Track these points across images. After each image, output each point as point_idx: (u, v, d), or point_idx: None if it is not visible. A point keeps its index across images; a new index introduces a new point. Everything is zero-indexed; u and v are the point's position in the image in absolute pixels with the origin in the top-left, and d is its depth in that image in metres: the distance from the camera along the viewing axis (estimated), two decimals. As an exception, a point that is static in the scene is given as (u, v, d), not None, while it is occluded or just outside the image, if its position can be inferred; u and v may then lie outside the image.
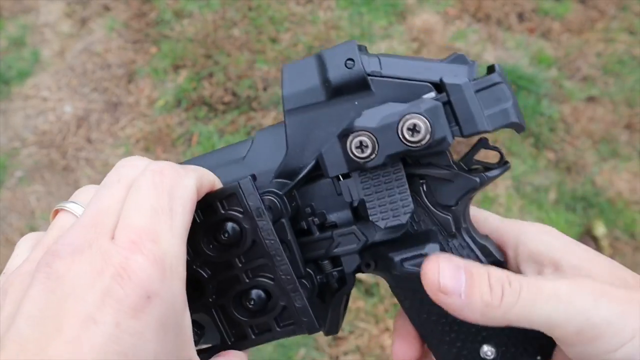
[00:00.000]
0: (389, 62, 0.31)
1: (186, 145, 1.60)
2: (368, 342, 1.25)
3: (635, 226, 1.42)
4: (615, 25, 1.84)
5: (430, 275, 0.29)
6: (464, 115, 0.30)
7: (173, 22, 1.86)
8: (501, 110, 0.30)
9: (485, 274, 0.29)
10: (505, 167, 0.32)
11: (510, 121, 0.30)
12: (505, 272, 0.29)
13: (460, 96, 0.30)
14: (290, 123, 0.32)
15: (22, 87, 1.75)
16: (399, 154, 0.30)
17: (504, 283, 0.28)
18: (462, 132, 0.30)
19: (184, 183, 0.27)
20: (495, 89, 0.30)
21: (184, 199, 0.27)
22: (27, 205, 1.51)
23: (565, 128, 1.61)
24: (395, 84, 0.31)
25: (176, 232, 0.25)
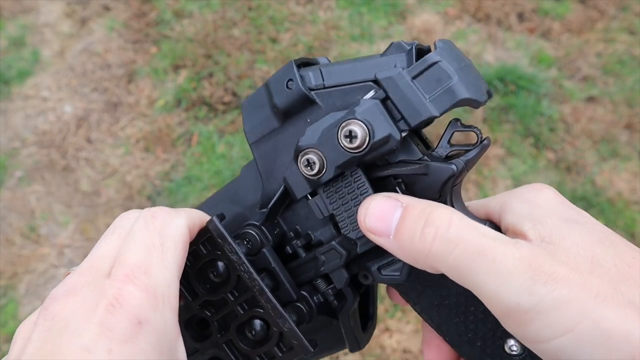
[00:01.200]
0: (330, 71, 0.31)
1: (186, 145, 1.60)
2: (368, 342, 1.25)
3: (635, 226, 1.42)
4: (615, 25, 1.84)
5: (360, 213, 0.28)
6: (405, 107, 0.28)
7: (173, 22, 1.86)
8: (445, 90, 0.27)
9: (424, 213, 0.26)
10: (482, 146, 0.30)
11: (457, 99, 0.27)
12: (453, 212, 0.26)
13: (396, 88, 0.28)
14: (258, 155, 0.33)
15: (22, 87, 1.75)
16: (349, 163, 0.29)
17: (441, 228, 0.25)
18: (408, 124, 0.28)
19: (174, 222, 0.29)
20: (433, 69, 0.27)
21: (175, 236, 0.28)
22: (27, 205, 1.51)
23: (565, 128, 1.61)
24: (338, 92, 0.30)
25: (168, 265, 0.27)
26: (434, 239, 0.25)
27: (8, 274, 1.39)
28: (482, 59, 1.75)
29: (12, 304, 1.34)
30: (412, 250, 0.26)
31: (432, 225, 0.25)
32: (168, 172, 1.54)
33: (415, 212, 0.26)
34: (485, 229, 0.25)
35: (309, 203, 0.32)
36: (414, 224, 0.26)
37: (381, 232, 0.27)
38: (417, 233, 0.25)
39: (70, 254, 1.42)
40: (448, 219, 0.25)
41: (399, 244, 0.26)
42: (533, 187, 0.31)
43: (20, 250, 1.43)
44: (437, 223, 0.25)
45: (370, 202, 0.28)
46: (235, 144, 1.57)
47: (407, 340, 1.25)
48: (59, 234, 1.45)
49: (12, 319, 1.32)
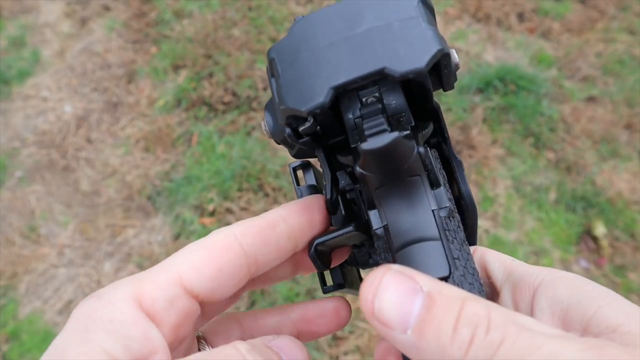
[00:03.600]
0: None
1: (186, 145, 1.60)
2: (368, 342, 1.25)
3: (635, 226, 1.42)
4: (616, 25, 1.84)
5: (365, 291, 0.20)
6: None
7: (173, 22, 1.86)
8: (279, 95, 0.23)
9: (454, 307, 0.19)
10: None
11: (282, 107, 0.23)
12: (489, 306, 0.19)
13: (270, 86, 0.25)
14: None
15: (22, 87, 1.75)
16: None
17: (479, 325, 0.19)
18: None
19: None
20: (272, 68, 0.24)
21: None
22: (27, 205, 1.51)
23: (565, 128, 1.60)
24: None
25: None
26: (471, 343, 0.19)
27: (8, 274, 1.39)
28: (482, 59, 1.75)
29: (12, 304, 1.34)
30: (439, 354, 0.19)
31: (468, 324, 0.19)
32: (168, 172, 1.54)
33: (443, 303, 0.20)
34: (528, 320, 0.19)
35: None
36: (443, 320, 0.19)
37: (396, 325, 0.20)
38: (448, 333, 0.19)
39: (70, 254, 1.42)
40: (486, 316, 0.19)
41: (419, 343, 0.19)
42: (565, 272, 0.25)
43: (20, 250, 1.43)
44: (474, 321, 0.19)
45: (381, 278, 0.20)
46: (235, 144, 1.57)
47: (407, 340, 1.25)
48: (59, 234, 1.45)
49: (12, 319, 1.32)
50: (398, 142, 0.21)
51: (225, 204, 1.46)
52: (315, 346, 1.25)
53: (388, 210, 0.24)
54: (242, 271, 0.26)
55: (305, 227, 0.27)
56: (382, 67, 0.21)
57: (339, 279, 0.32)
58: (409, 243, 0.23)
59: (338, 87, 0.21)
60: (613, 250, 1.39)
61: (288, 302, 1.30)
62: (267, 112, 0.27)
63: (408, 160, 0.22)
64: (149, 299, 0.23)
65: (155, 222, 1.46)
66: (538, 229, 1.42)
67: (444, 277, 0.22)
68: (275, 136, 0.27)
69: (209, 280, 0.25)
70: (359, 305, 1.23)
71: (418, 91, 0.25)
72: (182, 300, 0.24)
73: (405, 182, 0.23)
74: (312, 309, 0.31)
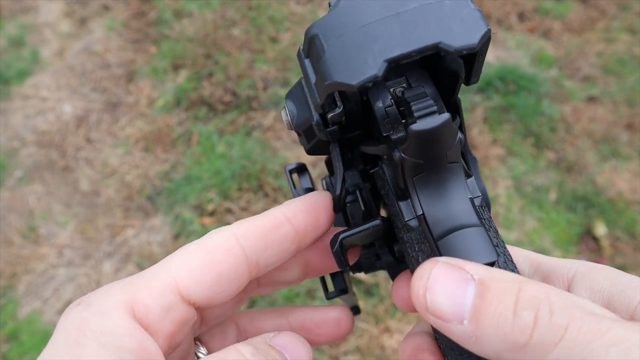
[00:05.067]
0: None
1: (186, 145, 1.59)
2: (368, 342, 1.24)
3: (636, 226, 1.42)
4: (616, 25, 1.83)
5: (416, 287, 0.20)
6: (308, 90, 0.24)
7: (173, 21, 1.86)
8: (320, 72, 0.22)
9: (511, 291, 0.19)
10: (413, 134, 0.21)
11: (325, 85, 0.21)
12: (546, 288, 0.19)
13: (301, 69, 0.24)
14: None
15: (22, 86, 1.74)
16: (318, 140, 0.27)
17: (541, 308, 0.18)
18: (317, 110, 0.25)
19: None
20: (314, 45, 0.23)
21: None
22: (26, 205, 1.50)
23: (566, 128, 1.60)
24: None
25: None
26: (535, 326, 0.18)
27: (7, 274, 1.39)
28: (483, 59, 1.74)
29: (12, 304, 1.34)
30: (500, 341, 0.18)
31: (528, 307, 0.18)
32: (168, 172, 1.54)
33: (498, 288, 0.19)
34: (589, 304, 0.19)
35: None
36: (500, 306, 0.18)
37: (451, 317, 0.19)
38: (508, 318, 0.18)
39: (69, 254, 1.42)
40: (547, 298, 0.18)
41: (478, 332, 0.19)
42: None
43: (19, 250, 1.43)
44: (535, 304, 0.18)
45: (430, 272, 0.20)
46: (235, 144, 1.57)
47: (407, 341, 1.24)
48: (59, 234, 1.45)
49: (12, 319, 1.32)
50: (449, 124, 0.20)
51: (225, 204, 1.45)
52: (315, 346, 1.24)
53: (425, 199, 0.23)
54: (242, 276, 0.24)
55: (310, 228, 0.26)
56: (437, 42, 0.20)
57: (341, 285, 0.32)
58: (450, 230, 0.22)
59: (392, 60, 0.20)
60: (614, 250, 1.38)
61: (288, 303, 1.29)
62: (290, 101, 0.26)
63: (452, 145, 0.22)
64: (142, 307, 0.22)
65: (155, 222, 1.46)
66: (539, 229, 1.42)
67: (491, 262, 0.22)
68: (299, 126, 0.26)
69: (207, 287, 0.23)
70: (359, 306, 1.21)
71: (445, 82, 0.24)
72: (178, 309, 0.23)
73: (445, 169, 0.23)
74: (313, 316, 0.30)
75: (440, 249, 0.22)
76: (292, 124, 0.26)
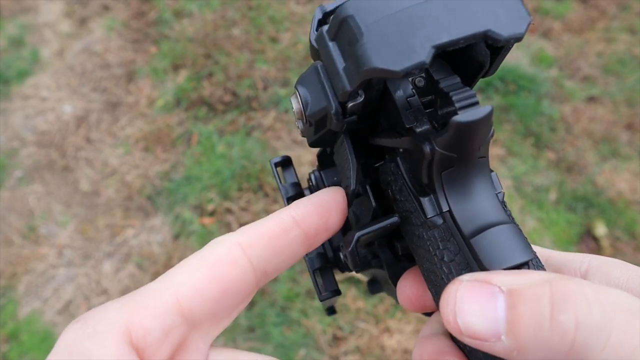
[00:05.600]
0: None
1: (186, 145, 1.59)
2: (368, 342, 1.24)
3: (636, 226, 1.42)
4: (616, 25, 1.83)
5: (446, 314, 0.19)
6: (330, 75, 0.22)
7: (173, 21, 1.86)
8: (355, 56, 0.20)
9: (543, 294, 0.17)
10: (454, 125, 0.20)
11: (362, 70, 0.19)
12: (578, 282, 0.18)
13: (321, 51, 0.22)
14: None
15: (22, 86, 1.74)
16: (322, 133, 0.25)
17: (582, 311, 0.17)
18: (337, 97, 0.23)
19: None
20: (345, 27, 0.21)
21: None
22: (26, 205, 1.50)
23: (566, 128, 1.60)
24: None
25: None
26: (576, 330, 0.17)
27: (7, 274, 1.39)
28: (483, 59, 1.74)
29: (12, 305, 1.34)
30: (542, 350, 0.17)
31: (565, 309, 0.17)
32: (168, 172, 1.54)
33: (529, 294, 0.18)
34: (630, 299, 0.18)
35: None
36: (535, 312, 0.17)
37: (487, 335, 0.18)
38: (545, 326, 0.17)
39: (69, 254, 1.42)
40: (583, 294, 0.17)
41: (518, 345, 0.18)
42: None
43: (19, 250, 1.43)
44: (572, 304, 0.17)
45: (456, 294, 0.19)
46: (235, 144, 1.57)
47: (407, 341, 1.24)
48: (59, 234, 1.45)
49: (11, 319, 1.32)
50: (491, 117, 0.20)
51: (225, 204, 1.45)
52: (316, 346, 1.25)
53: (452, 195, 0.22)
54: (249, 287, 0.22)
55: (321, 231, 0.24)
56: (487, 30, 0.20)
57: (333, 285, 0.31)
58: (482, 228, 0.21)
59: (440, 46, 0.19)
60: (614, 251, 1.38)
61: (288, 302, 1.29)
62: (302, 87, 0.24)
63: (487, 139, 0.21)
64: (140, 330, 0.20)
65: (155, 222, 1.46)
66: (539, 229, 1.42)
67: (528, 260, 0.21)
68: (313, 115, 0.24)
69: (212, 303, 0.21)
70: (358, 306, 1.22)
71: (465, 73, 0.24)
72: (178, 330, 0.21)
73: (474, 164, 0.22)
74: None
75: (474, 248, 0.21)
76: (304, 112, 0.25)
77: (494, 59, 0.23)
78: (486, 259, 0.20)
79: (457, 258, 0.22)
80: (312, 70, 0.24)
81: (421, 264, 0.25)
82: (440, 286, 0.23)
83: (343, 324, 1.27)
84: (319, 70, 0.23)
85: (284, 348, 1.25)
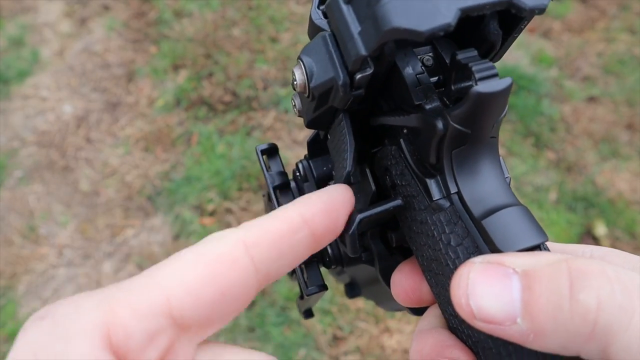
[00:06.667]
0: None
1: (186, 145, 1.59)
2: (368, 342, 1.24)
3: (636, 226, 1.42)
4: (616, 25, 1.83)
5: (457, 296, 0.18)
6: (340, 42, 0.21)
7: (173, 21, 1.86)
8: (374, 17, 0.19)
9: (561, 274, 0.16)
10: (474, 96, 0.19)
11: (382, 32, 0.18)
12: (597, 262, 0.17)
13: (332, 16, 0.21)
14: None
15: (22, 86, 1.74)
16: (321, 109, 0.24)
17: (604, 290, 0.16)
18: (346, 66, 0.21)
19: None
20: None
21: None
22: (26, 205, 1.50)
23: (566, 128, 1.60)
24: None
25: None
26: (598, 309, 0.16)
27: (7, 274, 1.39)
28: (483, 59, 1.74)
29: (11, 305, 1.34)
30: (561, 332, 0.16)
31: (585, 287, 0.16)
32: (168, 172, 1.54)
33: (546, 274, 0.17)
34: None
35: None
36: (553, 292, 0.16)
37: (502, 318, 0.17)
38: (564, 306, 0.16)
39: (69, 254, 1.42)
40: (604, 273, 0.16)
41: (535, 328, 0.17)
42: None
43: (19, 250, 1.43)
44: (593, 282, 0.16)
45: (468, 275, 0.18)
46: (235, 144, 1.57)
47: (407, 341, 1.24)
48: (59, 234, 1.45)
49: (11, 319, 1.32)
50: (510, 88, 0.19)
51: (225, 204, 1.45)
52: (316, 346, 1.25)
53: (461, 175, 0.21)
54: (250, 290, 0.20)
55: (329, 232, 0.22)
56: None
57: (319, 280, 0.29)
58: (493, 210, 0.20)
59: (467, 9, 0.18)
60: (614, 251, 1.38)
61: (288, 303, 1.29)
62: (307, 57, 0.23)
63: (502, 116, 0.21)
64: (121, 331, 0.17)
65: (155, 222, 1.46)
66: (538, 229, 1.42)
67: (541, 242, 0.20)
68: (318, 87, 0.23)
69: (206, 306, 0.19)
70: (358, 306, 1.22)
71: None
72: (165, 335, 0.18)
73: (486, 143, 0.21)
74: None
75: (486, 229, 0.20)
76: (308, 83, 0.23)
77: (505, 40, 0.22)
78: (499, 241, 0.19)
79: (465, 242, 0.21)
80: (320, 40, 0.23)
81: (421, 252, 0.24)
82: (444, 274, 0.22)
83: (343, 324, 1.27)
84: (327, 39, 0.22)
85: (284, 348, 1.25)
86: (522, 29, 0.22)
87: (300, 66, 0.23)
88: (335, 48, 0.22)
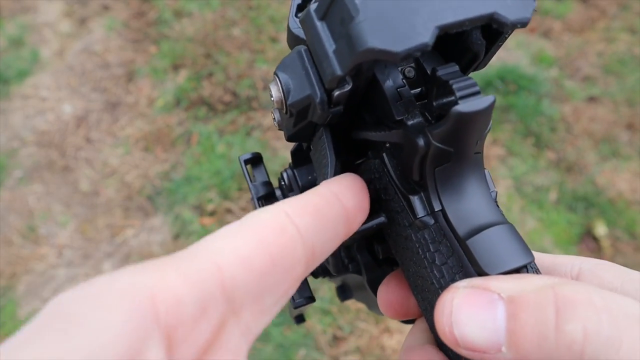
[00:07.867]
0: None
1: (185, 145, 1.59)
2: (368, 342, 1.24)
3: (636, 226, 1.42)
4: (616, 24, 1.83)
5: (441, 324, 0.18)
6: (317, 60, 0.20)
7: (173, 21, 1.86)
8: (348, 37, 0.18)
9: (548, 298, 0.16)
10: (454, 116, 0.18)
11: (357, 52, 0.17)
12: (585, 287, 0.16)
13: (307, 32, 0.20)
14: None
15: (21, 86, 1.74)
16: (300, 124, 0.23)
17: (591, 321, 0.15)
18: (323, 83, 0.21)
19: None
20: (337, 3, 0.18)
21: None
22: (26, 205, 1.50)
23: (566, 128, 1.60)
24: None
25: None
26: (585, 341, 0.15)
27: (7, 274, 1.39)
28: (483, 59, 1.74)
29: (11, 305, 1.34)
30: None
31: (571, 318, 0.16)
32: (167, 172, 1.54)
33: (531, 301, 0.16)
34: (635, 305, 0.16)
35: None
36: (539, 321, 0.16)
37: (486, 347, 0.17)
38: (550, 337, 0.16)
39: (69, 254, 1.42)
40: (590, 302, 0.16)
41: (520, 356, 0.16)
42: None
43: (19, 250, 1.42)
44: (579, 312, 0.16)
45: (452, 302, 0.18)
46: (235, 144, 1.57)
47: (407, 341, 1.24)
48: (58, 234, 1.45)
49: (11, 319, 1.32)
50: (493, 106, 0.18)
51: (225, 204, 1.45)
52: (316, 346, 1.24)
53: (445, 193, 0.20)
54: (299, 264, 0.18)
55: (359, 210, 0.21)
56: (493, 12, 0.18)
57: (307, 292, 0.28)
58: (478, 229, 0.20)
59: (444, 27, 0.17)
60: (614, 251, 1.38)
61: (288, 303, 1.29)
62: (283, 73, 0.22)
63: (485, 133, 0.20)
64: (171, 297, 0.14)
65: (155, 222, 1.46)
66: (539, 229, 1.42)
67: (527, 263, 0.19)
68: (295, 104, 0.22)
69: (258, 277, 0.17)
70: (358, 306, 1.22)
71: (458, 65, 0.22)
72: (217, 309, 0.16)
73: (470, 160, 0.20)
74: None
75: (470, 250, 0.20)
76: (285, 100, 0.22)
77: (488, 49, 0.21)
78: (484, 262, 0.19)
79: (450, 261, 0.20)
80: (295, 55, 0.22)
81: (407, 267, 0.23)
82: (430, 291, 0.22)
83: (343, 324, 1.27)
84: (302, 55, 0.21)
85: (284, 348, 1.24)
86: (506, 37, 0.21)
87: (277, 82, 0.23)
88: (312, 64, 0.21)
